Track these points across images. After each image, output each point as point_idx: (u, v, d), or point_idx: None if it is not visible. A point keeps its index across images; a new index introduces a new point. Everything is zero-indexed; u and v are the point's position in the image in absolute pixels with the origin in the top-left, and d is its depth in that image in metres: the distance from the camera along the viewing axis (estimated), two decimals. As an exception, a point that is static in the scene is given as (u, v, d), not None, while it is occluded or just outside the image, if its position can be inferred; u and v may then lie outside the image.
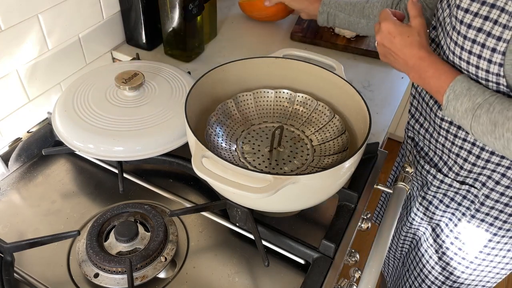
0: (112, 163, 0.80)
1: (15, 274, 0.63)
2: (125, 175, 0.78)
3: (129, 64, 0.91)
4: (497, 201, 0.74)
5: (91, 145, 0.71)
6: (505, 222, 0.76)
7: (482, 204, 0.76)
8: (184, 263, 0.66)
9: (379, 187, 0.79)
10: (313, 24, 1.17)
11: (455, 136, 0.72)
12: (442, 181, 0.80)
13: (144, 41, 1.05)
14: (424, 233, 0.92)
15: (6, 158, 0.78)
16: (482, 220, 0.78)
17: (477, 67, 0.60)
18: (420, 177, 0.86)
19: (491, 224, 0.77)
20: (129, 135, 0.72)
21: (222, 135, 0.74)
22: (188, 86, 0.82)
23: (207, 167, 0.55)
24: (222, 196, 0.69)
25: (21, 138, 0.83)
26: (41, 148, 0.82)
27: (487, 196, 0.75)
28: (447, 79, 0.62)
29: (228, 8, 1.28)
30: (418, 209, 0.89)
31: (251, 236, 0.70)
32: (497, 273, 0.85)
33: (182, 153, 0.75)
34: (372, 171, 0.80)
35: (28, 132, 0.85)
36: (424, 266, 0.93)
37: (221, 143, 0.72)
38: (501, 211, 0.75)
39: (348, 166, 0.60)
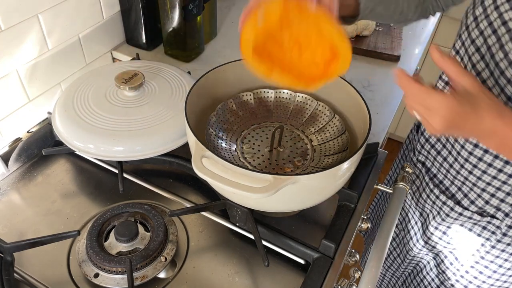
0: (112, 163, 0.80)
1: (15, 274, 0.63)
2: (125, 175, 0.78)
3: (129, 64, 0.91)
4: None
5: (91, 145, 0.71)
6: None
7: (505, 234, 0.71)
8: (184, 263, 0.66)
9: (379, 187, 0.79)
10: (313, 24, 1.17)
11: (484, 172, 0.66)
12: (461, 214, 0.74)
13: (144, 41, 1.05)
14: (428, 262, 0.88)
15: (6, 158, 0.78)
16: (503, 251, 0.73)
17: None
18: (432, 206, 0.79)
19: (506, 260, 0.73)
20: (129, 135, 0.72)
21: (222, 135, 0.74)
22: (188, 86, 0.82)
23: (207, 167, 0.55)
24: (222, 196, 0.69)
25: (21, 138, 0.83)
26: (41, 148, 0.82)
27: (510, 227, 0.70)
28: None
29: (228, 8, 1.28)
30: (428, 238, 0.83)
31: (251, 236, 0.70)
32: None
33: (182, 153, 0.75)
34: (372, 171, 0.80)
35: (28, 132, 0.85)
36: None
37: (221, 143, 0.72)
38: None
39: (348, 166, 0.60)
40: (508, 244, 0.72)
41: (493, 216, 0.71)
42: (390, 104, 0.96)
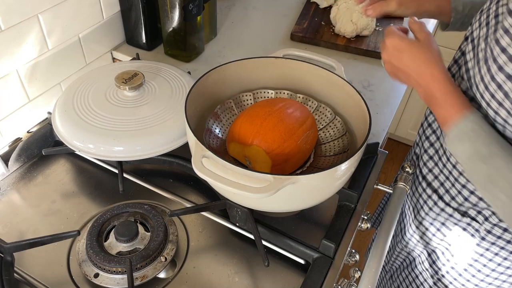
0: (112, 163, 0.80)
1: (15, 274, 0.63)
2: (125, 175, 0.78)
3: (129, 64, 0.91)
4: (499, 237, 0.69)
5: (91, 145, 0.71)
6: (505, 259, 0.71)
7: (483, 239, 0.71)
8: (184, 263, 0.66)
9: (379, 187, 0.79)
10: (313, 24, 1.18)
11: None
12: (442, 209, 0.75)
13: (144, 41, 1.05)
14: (419, 255, 0.88)
15: (6, 158, 0.78)
16: (481, 255, 0.73)
17: (496, 113, 0.55)
18: (419, 199, 0.81)
19: (490, 260, 0.73)
20: (129, 135, 0.71)
21: (222, 135, 0.74)
22: (188, 86, 0.82)
23: (207, 167, 0.55)
24: (222, 196, 0.69)
25: (21, 138, 0.83)
26: (41, 148, 0.82)
27: (488, 232, 0.70)
28: (455, 112, 0.56)
29: (228, 8, 1.28)
30: (414, 232, 0.85)
31: (251, 236, 0.70)
32: None
33: (182, 153, 0.75)
34: (372, 171, 0.80)
35: (28, 132, 0.85)
36: (418, 287, 0.89)
37: (221, 143, 0.72)
38: (502, 248, 0.70)
39: (348, 166, 0.60)
40: (487, 249, 0.72)
41: (473, 219, 0.71)
42: (390, 104, 0.96)
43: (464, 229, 0.74)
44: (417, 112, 2.01)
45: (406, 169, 0.79)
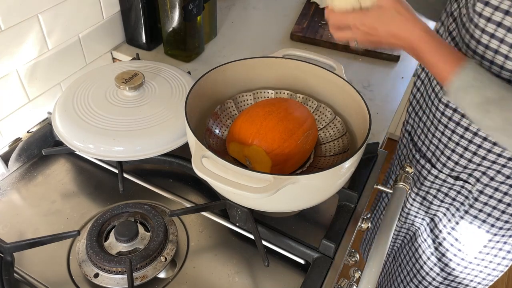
0: (112, 163, 0.80)
1: (15, 274, 0.63)
2: (125, 175, 0.78)
3: (129, 64, 0.91)
4: (490, 196, 0.74)
5: (91, 145, 0.71)
6: (497, 219, 0.76)
7: (476, 199, 0.76)
8: (184, 263, 0.66)
9: (379, 187, 0.79)
10: (313, 24, 1.18)
11: (453, 132, 0.71)
12: (436, 176, 0.80)
13: (144, 41, 1.05)
14: (421, 224, 0.91)
15: (6, 158, 0.78)
16: (475, 217, 0.78)
17: (492, 62, 0.58)
18: (415, 170, 0.85)
19: (484, 221, 0.77)
20: (129, 135, 0.71)
21: (222, 135, 0.74)
22: (188, 86, 0.82)
23: (207, 167, 0.55)
24: (222, 196, 0.69)
25: (21, 138, 0.83)
26: (41, 148, 0.82)
27: (481, 192, 0.75)
28: (453, 65, 0.56)
29: (228, 8, 1.28)
30: (414, 200, 0.88)
31: (251, 236, 0.70)
32: (493, 269, 0.85)
33: (182, 153, 0.75)
34: (372, 171, 0.80)
35: (28, 132, 0.85)
36: (418, 259, 0.92)
37: (221, 143, 0.72)
38: (494, 208, 0.75)
39: (348, 166, 0.60)
40: (480, 210, 0.77)
41: (465, 181, 0.76)
42: (390, 104, 0.96)
43: (459, 192, 0.79)
44: (417, 112, 2.00)
45: (406, 169, 0.79)
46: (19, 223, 0.71)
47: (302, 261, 0.68)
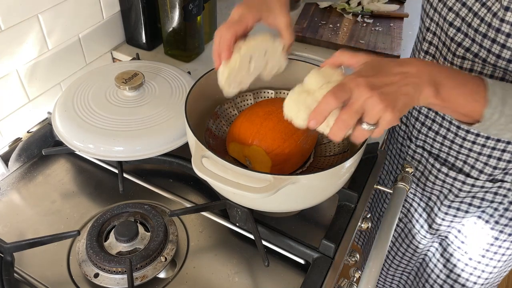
0: (112, 163, 0.80)
1: (15, 274, 0.63)
2: (125, 175, 0.78)
3: (129, 64, 0.91)
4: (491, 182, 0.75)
5: (91, 145, 0.71)
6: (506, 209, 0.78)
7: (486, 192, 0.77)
8: (184, 263, 0.66)
9: (379, 187, 0.79)
10: (313, 24, 1.17)
11: (487, 138, 0.71)
12: (473, 185, 0.78)
13: (144, 41, 1.05)
14: (434, 254, 0.91)
15: (6, 158, 0.78)
16: (483, 211, 0.80)
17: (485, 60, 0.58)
18: (440, 186, 0.83)
19: (491, 215, 0.80)
20: (129, 135, 0.72)
21: (222, 135, 0.74)
22: (188, 86, 0.82)
23: (207, 167, 0.55)
24: (222, 196, 0.69)
25: (21, 138, 0.83)
26: (41, 148, 0.82)
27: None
28: (475, 85, 0.49)
29: (228, 8, 1.27)
30: (444, 218, 0.86)
31: (251, 236, 0.70)
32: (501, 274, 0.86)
33: (182, 153, 0.75)
34: (372, 171, 0.80)
35: (28, 132, 0.85)
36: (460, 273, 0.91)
37: (221, 143, 0.72)
38: (505, 196, 0.76)
39: (348, 166, 0.60)
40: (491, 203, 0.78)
41: (502, 181, 0.76)
42: (390, 104, 0.96)
43: (496, 193, 0.78)
44: (417, 112, 2.00)
45: (406, 169, 0.79)
46: (19, 223, 0.71)
47: (302, 261, 0.68)
